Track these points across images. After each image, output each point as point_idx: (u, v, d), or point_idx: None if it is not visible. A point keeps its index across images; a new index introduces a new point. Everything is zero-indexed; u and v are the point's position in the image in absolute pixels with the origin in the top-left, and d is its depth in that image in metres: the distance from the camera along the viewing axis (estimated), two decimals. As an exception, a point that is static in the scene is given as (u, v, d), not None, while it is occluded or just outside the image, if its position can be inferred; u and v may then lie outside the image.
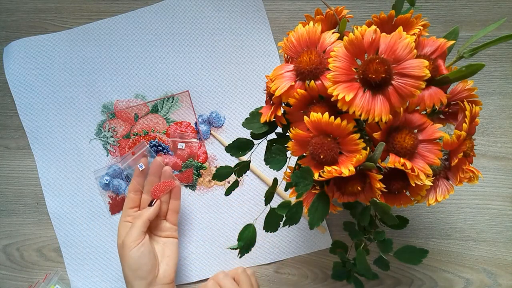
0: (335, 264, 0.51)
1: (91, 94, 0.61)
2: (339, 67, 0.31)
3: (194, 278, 0.60)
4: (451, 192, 0.35)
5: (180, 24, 0.60)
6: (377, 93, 0.30)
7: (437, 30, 0.57)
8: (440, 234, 0.57)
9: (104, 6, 0.60)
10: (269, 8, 0.59)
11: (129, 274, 0.50)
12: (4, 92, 0.63)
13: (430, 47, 0.35)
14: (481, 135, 0.57)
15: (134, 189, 0.56)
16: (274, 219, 0.36)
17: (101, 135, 0.61)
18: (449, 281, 0.57)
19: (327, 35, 0.34)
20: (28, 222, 0.63)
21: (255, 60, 0.59)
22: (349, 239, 0.47)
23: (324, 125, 0.32)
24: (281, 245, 0.59)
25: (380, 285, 0.58)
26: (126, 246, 0.51)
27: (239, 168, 0.40)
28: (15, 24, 0.62)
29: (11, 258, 0.63)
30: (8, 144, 0.63)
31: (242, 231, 0.36)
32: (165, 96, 0.61)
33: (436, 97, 0.32)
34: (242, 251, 0.36)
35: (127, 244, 0.51)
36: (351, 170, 0.31)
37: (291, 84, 0.34)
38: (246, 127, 0.39)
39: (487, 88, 0.57)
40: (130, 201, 0.56)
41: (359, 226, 0.47)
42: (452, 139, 0.32)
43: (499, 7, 0.56)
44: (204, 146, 0.61)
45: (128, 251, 0.51)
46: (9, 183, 0.63)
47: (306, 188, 0.33)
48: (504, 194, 0.57)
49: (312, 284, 0.59)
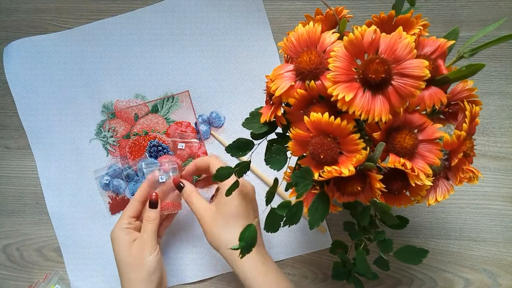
0: (335, 264, 0.51)
1: (91, 94, 0.61)
2: (339, 67, 0.31)
3: (194, 278, 0.60)
4: (451, 192, 0.35)
5: (180, 24, 0.60)
6: (377, 93, 0.30)
7: (437, 30, 0.57)
8: (440, 234, 0.57)
9: (104, 6, 0.60)
10: (269, 8, 0.59)
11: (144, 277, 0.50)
12: (4, 92, 0.63)
13: (430, 47, 0.35)
14: (481, 135, 0.57)
15: (142, 199, 0.54)
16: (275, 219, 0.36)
17: (101, 135, 0.61)
18: (449, 281, 0.57)
19: (327, 35, 0.34)
20: (28, 222, 0.63)
21: (255, 60, 0.59)
22: (349, 239, 0.47)
23: (324, 125, 0.32)
24: (281, 245, 0.59)
25: (380, 285, 0.58)
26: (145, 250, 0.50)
27: (239, 168, 0.40)
28: (15, 24, 0.62)
29: (11, 258, 0.63)
30: (8, 144, 0.63)
31: (243, 231, 0.36)
32: (165, 96, 0.61)
33: (436, 97, 0.32)
34: (243, 251, 0.36)
35: (147, 249, 0.50)
36: (351, 170, 0.31)
37: (291, 84, 0.34)
38: (246, 127, 0.39)
39: (487, 88, 0.57)
40: (134, 210, 0.53)
41: (359, 226, 0.47)
42: (452, 139, 0.32)
43: (499, 7, 0.56)
44: (204, 146, 0.61)
45: (148, 255, 0.50)
46: (9, 183, 0.63)
47: (306, 188, 0.33)
48: (504, 194, 0.57)
49: (312, 284, 0.59)
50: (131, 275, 0.50)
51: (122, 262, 0.51)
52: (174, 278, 0.60)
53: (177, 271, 0.60)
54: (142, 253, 0.50)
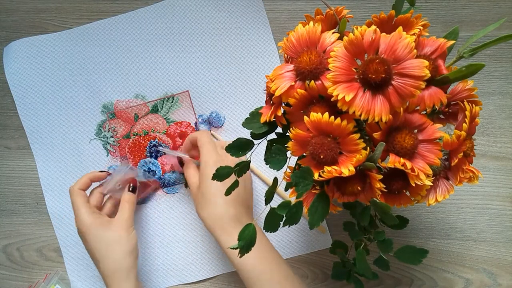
0: (335, 264, 0.51)
1: (91, 94, 0.61)
2: (339, 67, 0.31)
3: (194, 278, 0.60)
4: (451, 192, 0.35)
5: (180, 24, 0.60)
6: (377, 93, 0.30)
7: (437, 30, 0.57)
8: (440, 234, 0.57)
9: (104, 6, 0.60)
10: (269, 8, 0.58)
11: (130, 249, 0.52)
12: (4, 92, 0.63)
13: (430, 47, 0.35)
14: (481, 135, 0.57)
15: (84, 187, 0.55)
16: (274, 219, 0.36)
17: (101, 135, 0.61)
18: (449, 281, 0.57)
19: (327, 35, 0.34)
20: (28, 222, 0.63)
21: (255, 60, 0.59)
22: (349, 239, 0.47)
23: (324, 125, 0.32)
24: (281, 245, 0.59)
25: (380, 285, 0.58)
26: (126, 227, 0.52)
27: (239, 168, 0.40)
28: (15, 24, 0.62)
29: (11, 258, 0.63)
30: (8, 144, 0.63)
31: (242, 230, 0.36)
32: (165, 96, 0.61)
33: (436, 97, 0.32)
34: (242, 251, 0.36)
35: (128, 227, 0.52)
36: (351, 170, 0.31)
37: (291, 84, 0.34)
38: (246, 127, 0.39)
39: (487, 88, 0.57)
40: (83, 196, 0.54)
41: (359, 226, 0.47)
42: (452, 139, 0.32)
43: (499, 7, 0.56)
44: (204, 146, 0.60)
45: (128, 234, 0.52)
46: (9, 183, 0.63)
47: (306, 188, 0.33)
48: (504, 194, 0.57)
49: (312, 284, 0.59)
50: (117, 248, 0.51)
51: (103, 241, 0.51)
52: (174, 278, 0.60)
53: (177, 271, 0.60)
54: (124, 230, 0.52)
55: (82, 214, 0.52)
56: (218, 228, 0.49)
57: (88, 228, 0.51)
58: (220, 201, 0.49)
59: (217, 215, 0.49)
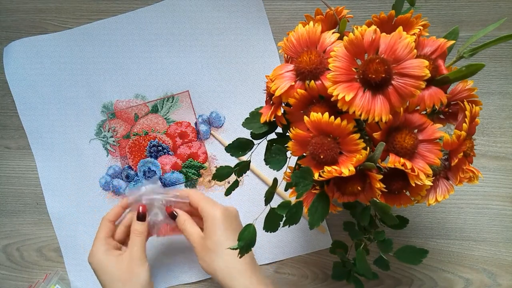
0: (335, 264, 0.51)
1: (91, 94, 0.61)
2: (339, 67, 0.31)
3: (193, 278, 0.60)
4: (451, 192, 0.35)
5: (180, 24, 0.60)
6: (377, 93, 0.30)
7: (437, 30, 0.57)
8: (440, 234, 0.57)
9: (104, 6, 0.60)
10: (269, 8, 0.58)
11: None
12: (4, 92, 0.63)
13: (430, 47, 0.35)
14: (481, 135, 0.57)
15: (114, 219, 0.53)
16: (274, 219, 0.36)
17: (101, 135, 0.61)
18: (449, 281, 0.57)
19: (327, 35, 0.34)
20: (28, 222, 0.63)
21: (255, 60, 0.59)
22: (349, 239, 0.47)
23: (324, 125, 0.32)
24: (281, 245, 0.59)
25: (380, 285, 0.58)
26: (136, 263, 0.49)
27: (239, 168, 0.40)
28: (15, 24, 0.62)
29: (11, 258, 0.63)
30: (8, 144, 0.63)
31: (242, 231, 0.36)
32: (165, 96, 0.61)
33: (436, 97, 0.32)
34: (242, 251, 0.36)
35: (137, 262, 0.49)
36: (351, 170, 0.31)
37: (291, 84, 0.34)
38: (246, 127, 0.39)
39: (487, 88, 0.57)
40: (108, 230, 0.52)
41: (359, 226, 0.47)
42: (452, 139, 0.32)
43: (499, 7, 0.56)
44: (204, 146, 0.61)
45: (140, 268, 0.49)
46: (9, 183, 0.63)
47: (306, 188, 0.33)
48: (504, 194, 0.57)
49: (312, 284, 0.59)
50: (128, 286, 0.48)
51: (111, 279, 0.49)
52: (174, 279, 0.60)
53: (177, 272, 0.60)
54: (132, 266, 0.49)
55: (95, 248, 0.50)
56: (236, 272, 0.47)
57: (97, 264, 0.50)
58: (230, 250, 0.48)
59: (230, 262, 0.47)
